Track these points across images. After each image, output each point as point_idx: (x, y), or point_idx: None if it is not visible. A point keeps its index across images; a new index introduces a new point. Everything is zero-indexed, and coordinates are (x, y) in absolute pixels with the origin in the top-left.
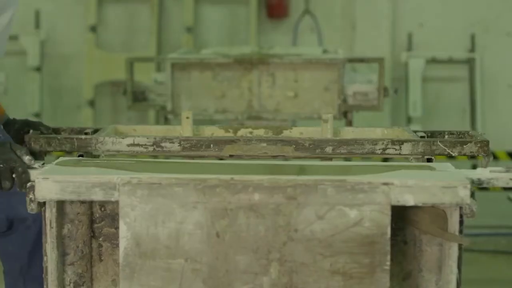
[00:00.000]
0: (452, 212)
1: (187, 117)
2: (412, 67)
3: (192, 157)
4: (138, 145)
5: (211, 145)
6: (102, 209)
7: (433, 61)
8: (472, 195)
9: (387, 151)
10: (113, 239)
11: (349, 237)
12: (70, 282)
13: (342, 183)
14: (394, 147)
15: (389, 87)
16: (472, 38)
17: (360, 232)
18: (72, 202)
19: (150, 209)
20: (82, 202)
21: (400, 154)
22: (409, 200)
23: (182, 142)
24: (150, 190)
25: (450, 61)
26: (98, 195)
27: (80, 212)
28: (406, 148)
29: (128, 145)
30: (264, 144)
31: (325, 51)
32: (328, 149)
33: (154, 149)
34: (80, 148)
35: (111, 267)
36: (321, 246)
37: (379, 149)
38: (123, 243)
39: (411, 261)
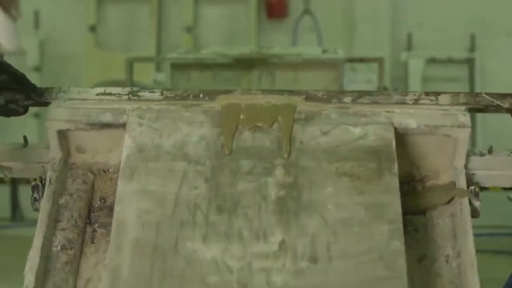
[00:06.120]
0: (458, 143)
1: None
2: (412, 67)
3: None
4: (110, 94)
5: (201, 94)
6: (102, 201)
7: (433, 61)
8: (477, 194)
9: (421, 101)
10: (109, 226)
11: (354, 147)
12: (58, 244)
13: (345, 110)
14: (430, 97)
15: (389, 87)
16: (472, 38)
17: (365, 144)
18: (74, 179)
19: (157, 126)
20: (92, 124)
21: (437, 104)
22: (411, 123)
23: (165, 92)
24: (158, 114)
25: (450, 61)
26: (107, 118)
27: (80, 189)
28: (444, 99)
29: (98, 94)
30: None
31: (325, 51)
32: (347, 99)
33: (129, 97)
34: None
35: (103, 248)
36: (327, 153)
37: (411, 100)
38: (125, 152)
39: (425, 244)
